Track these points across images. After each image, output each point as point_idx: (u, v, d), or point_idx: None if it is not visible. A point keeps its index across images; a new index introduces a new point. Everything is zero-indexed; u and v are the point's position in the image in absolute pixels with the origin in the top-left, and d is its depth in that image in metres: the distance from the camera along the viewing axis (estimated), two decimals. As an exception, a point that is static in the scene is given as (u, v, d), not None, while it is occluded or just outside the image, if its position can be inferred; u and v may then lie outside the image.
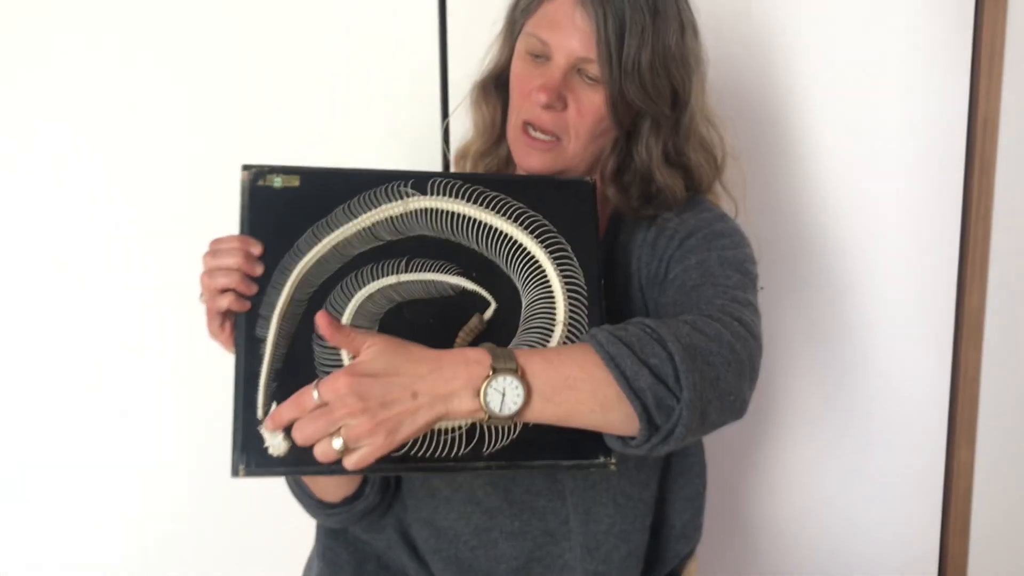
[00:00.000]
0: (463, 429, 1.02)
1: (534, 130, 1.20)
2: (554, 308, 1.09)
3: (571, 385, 0.93)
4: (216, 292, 1.05)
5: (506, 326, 1.09)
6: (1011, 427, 1.77)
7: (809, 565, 1.76)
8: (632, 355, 0.94)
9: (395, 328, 1.06)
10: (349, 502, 1.24)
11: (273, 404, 1.01)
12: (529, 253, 1.11)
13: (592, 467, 1.04)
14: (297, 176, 1.09)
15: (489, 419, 0.92)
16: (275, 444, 1.00)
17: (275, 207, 1.08)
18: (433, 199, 1.11)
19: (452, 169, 1.44)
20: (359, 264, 1.08)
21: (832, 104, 1.63)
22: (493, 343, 1.05)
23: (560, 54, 1.17)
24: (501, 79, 1.28)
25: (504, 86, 1.27)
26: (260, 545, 1.63)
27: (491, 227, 1.11)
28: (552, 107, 1.16)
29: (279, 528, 1.58)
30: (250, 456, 1.01)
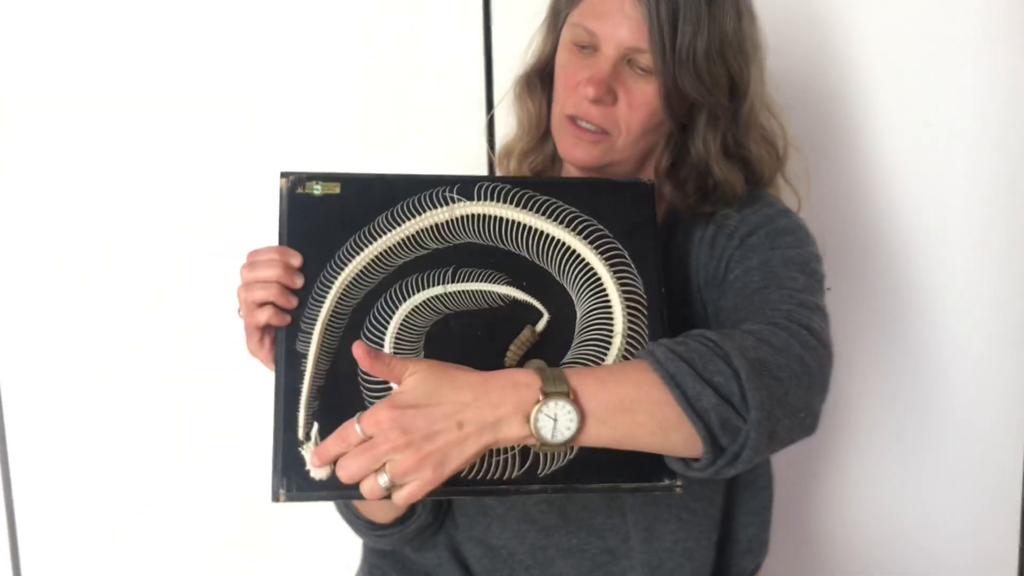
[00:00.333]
0: (516, 450, 0.98)
1: (581, 121, 1.15)
2: (611, 319, 1.05)
3: (628, 407, 0.89)
4: (254, 306, 1.02)
5: (560, 339, 1.05)
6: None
7: (880, 582, 1.71)
8: (693, 373, 0.89)
9: (443, 341, 1.03)
10: (400, 523, 1.20)
11: (315, 424, 0.98)
12: (584, 260, 1.07)
13: (656, 490, 1.00)
14: (338, 183, 1.06)
15: (541, 446, 0.88)
16: (318, 468, 0.95)
17: (315, 216, 1.05)
18: (480, 204, 1.07)
19: (495, 170, 1.39)
20: (404, 275, 1.05)
21: (899, 90, 1.56)
22: (546, 357, 1.02)
23: (609, 45, 1.12)
24: (545, 72, 1.24)
25: (549, 79, 1.22)
26: (303, 563, 1.60)
27: (543, 233, 1.07)
28: (601, 101, 1.12)
29: (323, 545, 1.56)
30: (291, 480, 0.97)
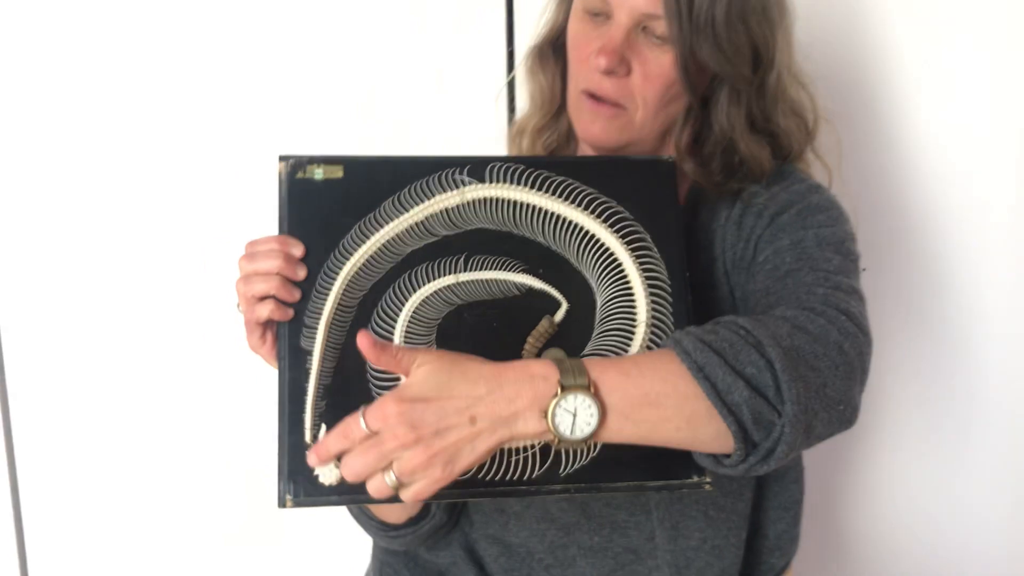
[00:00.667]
0: (536, 448, 0.94)
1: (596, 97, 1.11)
2: (634, 307, 1.01)
3: (653, 401, 0.85)
4: (254, 300, 0.98)
5: (580, 328, 1.00)
6: None
7: (915, 578, 1.68)
8: (724, 364, 0.84)
9: (455, 334, 0.99)
10: (414, 523, 1.17)
11: (323, 426, 0.94)
12: (603, 245, 1.03)
13: (684, 487, 0.97)
14: (340, 166, 1.02)
15: (559, 442, 0.83)
16: (326, 472, 0.92)
17: (317, 202, 1.01)
18: (493, 187, 1.03)
19: (508, 150, 1.34)
20: (413, 263, 1.01)
21: (939, 57, 1.51)
22: (565, 348, 0.99)
23: (621, 11, 1.07)
24: (558, 43, 1.20)
25: (562, 50, 1.18)
26: (312, 560, 1.57)
27: (559, 217, 1.03)
28: (614, 72, 1.08)
29: (332, 542, 1.53)
30: (298, 484, 0.94)
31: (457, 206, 1.02)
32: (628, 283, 1.01)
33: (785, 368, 0.84)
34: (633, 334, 0.99)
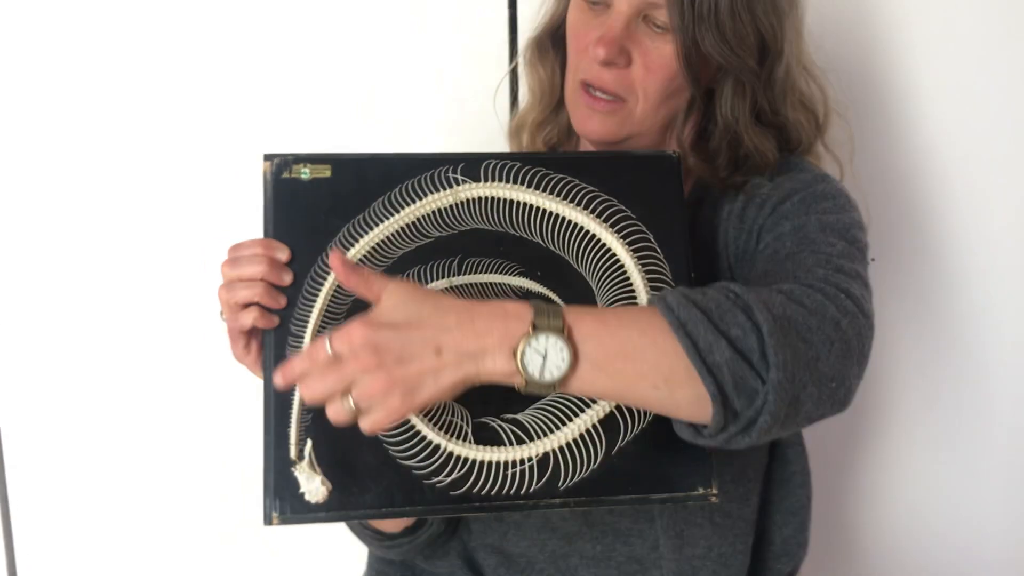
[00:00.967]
0: (533, 461, 0.92)
1: (595, 89, 1.09)
2: None
3: (629, 354, 0.82)
4: (237, 308, 0.95)
5: None
6: None
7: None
8: (708, 322, 0.82)
9: None
10: (411, 532, 1.14)
11: (308, 441, 0.91)
12: (604, 245, 0.99)
13: (689, 500, 0.95)
14: (328, 165, 0.98)
15: (527, 385, 0.81)
16: (312, 490, 0.88)
17: (304, 203, 0.97)
18: (487, 186, 0.99)
19: (507, 147, 1.31)
20: (404, 267, 0.97)
21: (953, 52, 1.47)
22: None
23: None
24: (558, 34, 1.17)
25: (562, 42, 1.15)
26: (305, 569, 1.55)
27: (558, 216, 0.99)
28: (613, 63, 1.05)
29: (326, 550, 1.51)
30: (284, 501, 0.91)
31: (450, 206, 0.99)
32: (630, 286, 0.98)
33: (773, 333, 0.81)
34: (636, 340, 0.96)
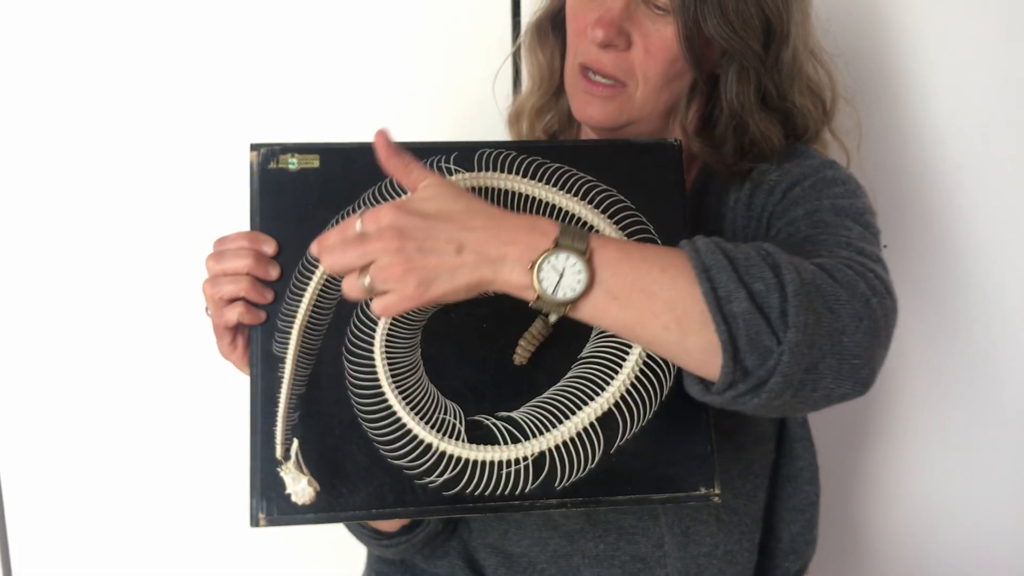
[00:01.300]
0: (529, 460, 0.90)
1: (593, 74, 1.06)
2: None
3: (646, 288, 0.80)
4: (223, 303, 0.92)
5: (577, 330, 0.93)
6: None
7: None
8: (732, 271, 0.80)
9: (443, 336, 0.94)
10: (408, 531, 1.13)
11: (295, 440, 0.88)
12: None
13: (691, 500, 0.92)
14: (316, 155, 0.95)
15: (538, 300, 0.80)
16: (299, 491, 0.86)
17: (291, 194, 0.94)
18: (481, 176, 0.95)
19: (507, 135, 1.28)
20: None
21: (965, 38, 1.43)
22: (561, 352, 0.94)
23: None
24: (558, 18, 1.14)
25: (563, 26, 1.12)
26: (303, 569, 1.53)
27: (554, 207, 0.96)
28: (612, 45, 1.03)
29: (325, 550, 1.49)
30: (271, 502, 0.88)
31: (443, 197, 0.95)
32: (629, 279, 0.94)
33: (798, 294, 0.79)
34: (635, 335, 0.93)
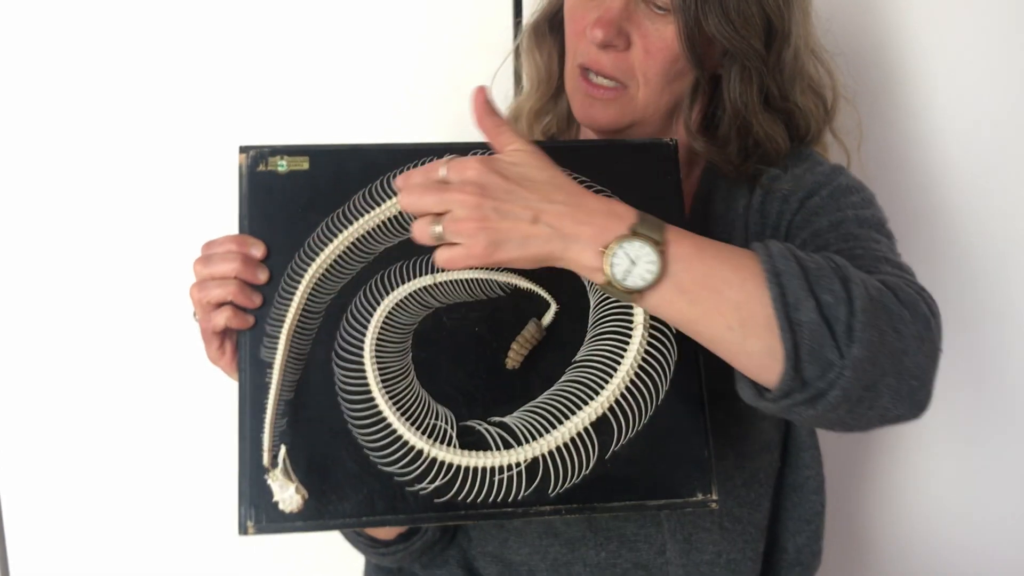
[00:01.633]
0: (522, 467, 0.88)
1: (594, 75, 1.05)
2: (630, 308, 0.93)
3: (716, 286, 0.80)
4: (210, 307, 0.91)
5: (571, 332, 0.93)
6: None
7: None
8: (803, 279, 0.79)
9: (434, 340, 0.92)
10: (405, 539, 1.11)
11: (282, 447, 0.87)
12: None
13: (688, 506, 0.90)
14: (306, 157, 0.94)
15: (607, 284, 0.80)
16: (286, 499, 0.85)
17: (280, 197, 0.93)
18: None
19: None
20: (386, 263, 0.93)
21: (967, 34, 1.41)
22: (554, 356, 0.93)
23: None
24: (556, 19, 1.14)
25: (560, 27, 1.12)
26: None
27: None
28: (612, 46, 1.02)
29: (321, 558, 1.47)
30: (260, 510, 0.87)
31: (435, 199, 0.94)
32: (625, 281, 0.92)
33: (865, 310, 0.78)
34: (629, 339, 0.92)
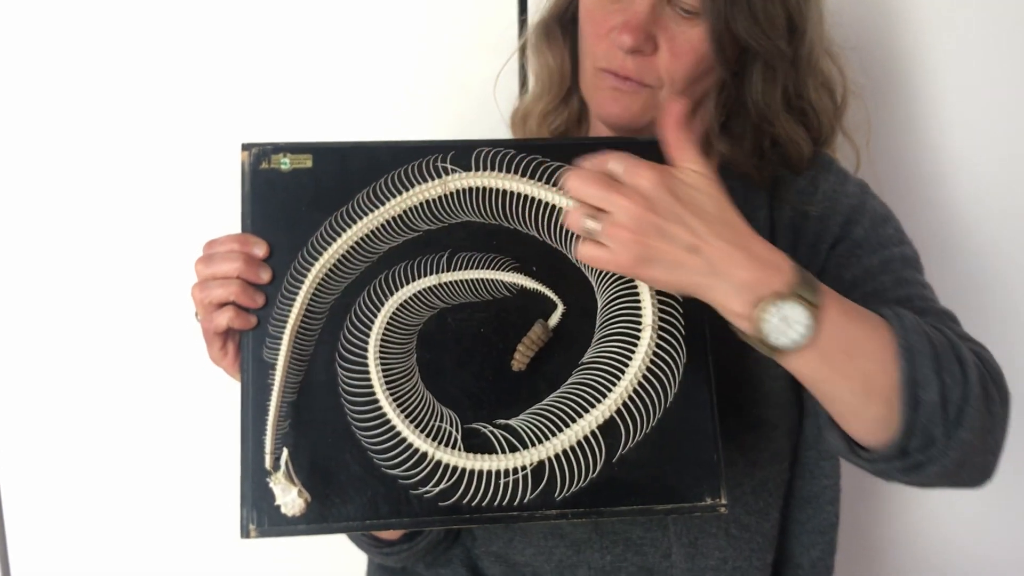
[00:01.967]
0: (528, 470, 0.87)
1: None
2: (639, 307, 0.91)
3: (852, 353, 0.81)
4: (212, 307, 0.90)
5: (578, 333, 0.92)
6: None
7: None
8: (933, 358, 0.82)
9: (438, 341, 0.91)
10: (410, 539, 1.10)
11: (284, 450, 0.86)
12: None
13: (696, 511, 0.89)
14: (309, 155, 0.93)
15: (746, 336, 0.80)
16: (288, 502, 0.83)
17: (283, 195, 0.92)
18: (479, 176, 0.93)
19: (509, 135, 1.25)
20: (390, 263, 0.92)
21: (981, 27, 1.39)
22: (561, 356, 0.91)
23: None
24: (567, 16, 1.12)
25: (572, 25, 1.10)
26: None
27: (555, 208, 0.93)
28: (640, 51, 1.00)
29: (323, 557, 1.46)
30: (262, 512, 0.86)
31: (440, 197, 0.93)
32: (632, 282, 0.92)
33: (978, 396, 0.82)
34: (638, 340, 0.90)
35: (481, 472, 0.86)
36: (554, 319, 0.91)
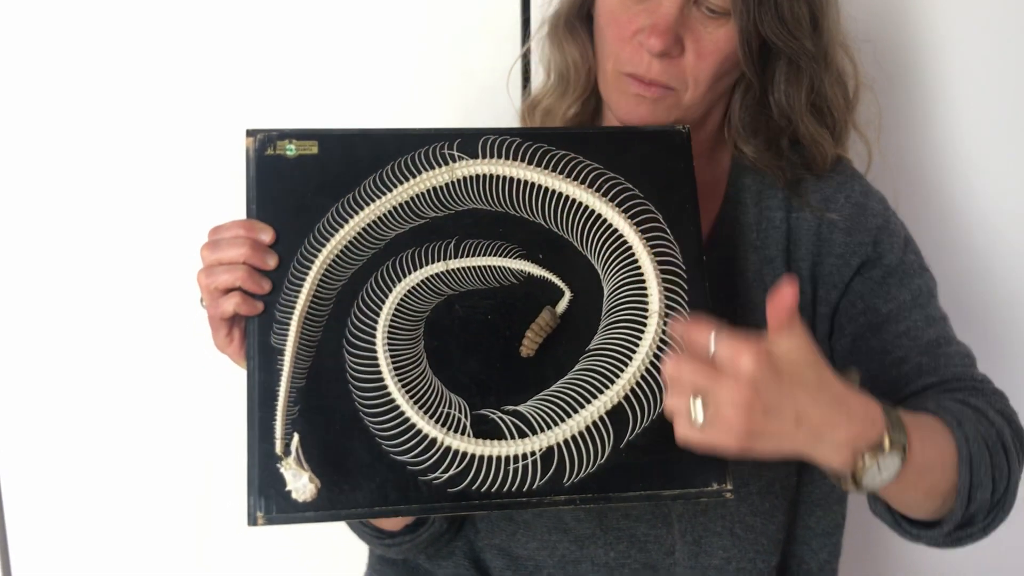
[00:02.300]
0: (537, 455, 0.87)
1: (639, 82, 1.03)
2: (645, 296, 0.92)
3: (925, 471, 0.87)
4: (218, 293, 0.89)
5: (585, 320, 0.92)
6: None
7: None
8: (988, 464, 0.90)
9: (446, 329, 0.91)
10: (412, 530, 1.09)
11: (295, 435, 0.85)
12: (610, 226, 0.94)
13: (703, 496, 0.89)
14: (315, 141, 0.93)
15: (843, 483, 0.84)
16: (300, 487, 0.83)
17: (289, 181, 0.92)
18: (486, 163, 0.94)
19: (515, 124, 1.25)
20: (397, 250, 0.92)
21: (995, 21, 1.38)
22: (569, 343, 0.91)
23: None
24: (584, 10, 1.11)
25: (587, 21, 1.10)
26: (303, 569, 1.50)
27: (561, 195, 0.94)
28: (668, 54, 0.99)
29: (325, 549, 1.45)
30: (270, 500, 0.85)
31: (446, 184, 0.94)
32: (638, 269, 0.92)
33: (1015, 483, 0.92)
34: (645, 327, 0.91)
35: (490, 458, 0.86)
36: (561, 306, 0.91)
